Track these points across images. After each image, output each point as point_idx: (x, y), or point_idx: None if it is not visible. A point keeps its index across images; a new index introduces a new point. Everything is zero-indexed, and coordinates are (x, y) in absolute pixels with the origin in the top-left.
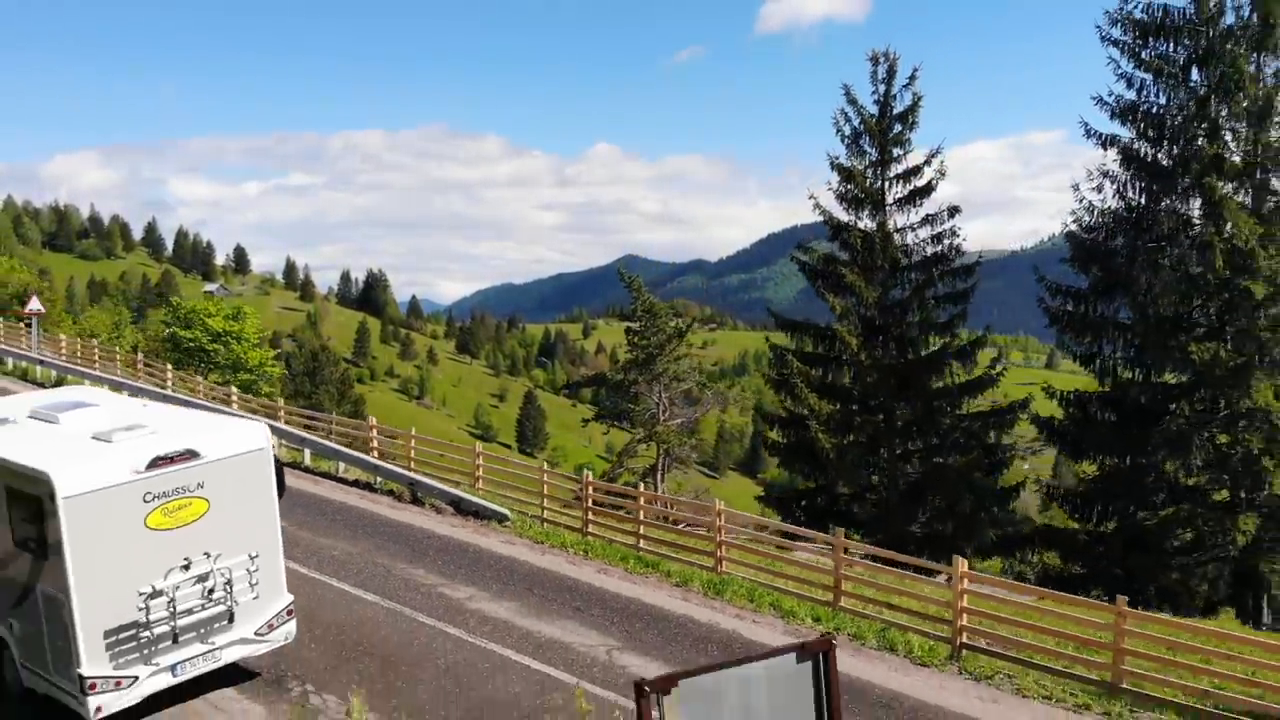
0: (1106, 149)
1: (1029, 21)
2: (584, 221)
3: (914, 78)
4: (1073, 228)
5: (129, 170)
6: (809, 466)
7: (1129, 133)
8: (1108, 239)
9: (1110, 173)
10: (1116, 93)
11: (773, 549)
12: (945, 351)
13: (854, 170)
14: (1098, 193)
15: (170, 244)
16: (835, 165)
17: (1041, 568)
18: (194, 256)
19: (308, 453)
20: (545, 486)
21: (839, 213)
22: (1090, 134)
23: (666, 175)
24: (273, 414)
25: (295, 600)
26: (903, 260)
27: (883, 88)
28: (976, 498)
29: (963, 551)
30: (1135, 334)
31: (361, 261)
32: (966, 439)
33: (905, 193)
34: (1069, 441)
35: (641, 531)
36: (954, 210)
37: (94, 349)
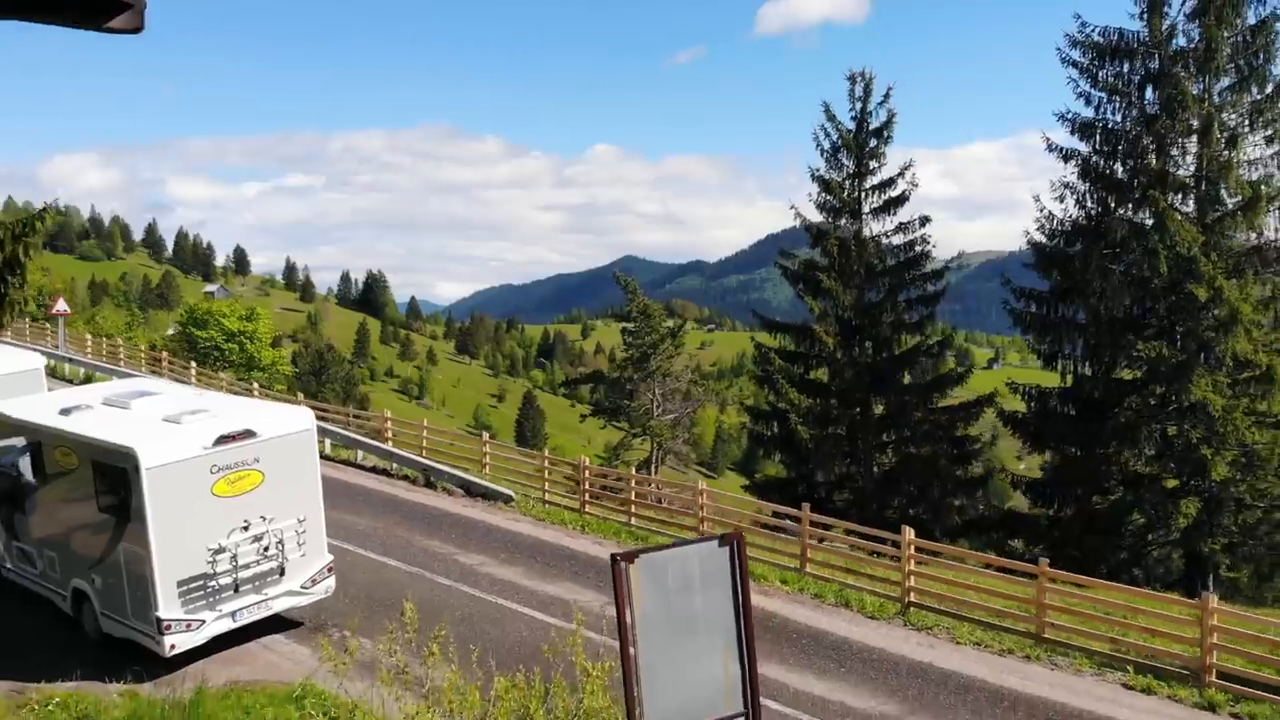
0: (1066, 162)
1: (1028, 22)
2: (583, 222)
3: (888, 95)
4: (1036, 235)
5: (128, 171)
6: (790, 457)
7: (1086, 148)
8: (1067, 245)
9: (1070, 184)
10: (1075, 110)
11: (749, 524)
12: (917, 350)
13: (832, 182)
14: (1059, 203)
15: (170, 245)
16: (815, 177)
17: (1006, 551)
18: (194, 257)
19: (329, 442)
20: (547, 472)
21: (819, 221)
22: (1052, 148)
23: (666, 176)
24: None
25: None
26: (877, 265)
27: (859, 105)
28: (944, 485)
29: (933, 535)
30: (1090, 334)
31: (360, 262)
32: (935, 431)
33: (880, 202)
34: (1031, 433)
35: (633, 510)
36: (925, 219)
37: (119, 348)
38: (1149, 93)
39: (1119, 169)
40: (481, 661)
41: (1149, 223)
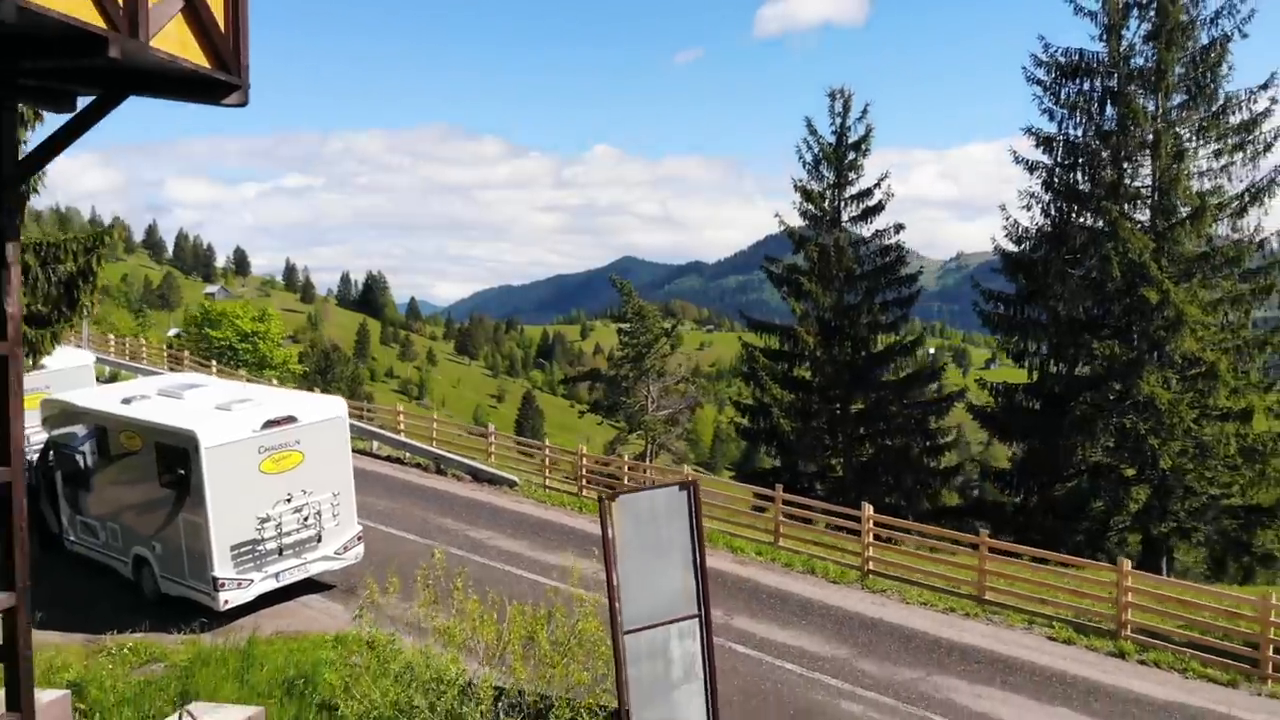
0: (1031, 173)
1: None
2: (582, 223)
3: (865, 111)
4: (1003, 242)
5: (128, 172)
6: (775, 449)
7: (1050, 160)
8: (1033, 251)
9: (1035, 194)
10: (1039, 125)
11: (732, 506)
12: (893, 349)
13: (813, 191)
14: (1026, 211)
15: (171, 246)
16: (798, 187)
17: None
18: (195, 258)
19: None
20: (548, 459)
21: (802, 227)
22: (1019, 160)
23: (665, 176)
24: None
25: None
26: (855, 270)
27: (839, 120)
28: (917, 474)
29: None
30: (1051, 333)
31: (359, 263)
32: (908, 424)
33: (858, 211)
34: (998, 426)
35: None
36: (899, 227)
37: (142, 347)
38: (1108, 109)
39: (1080, 180)
40: (494, 605)
41: (1106, 230)
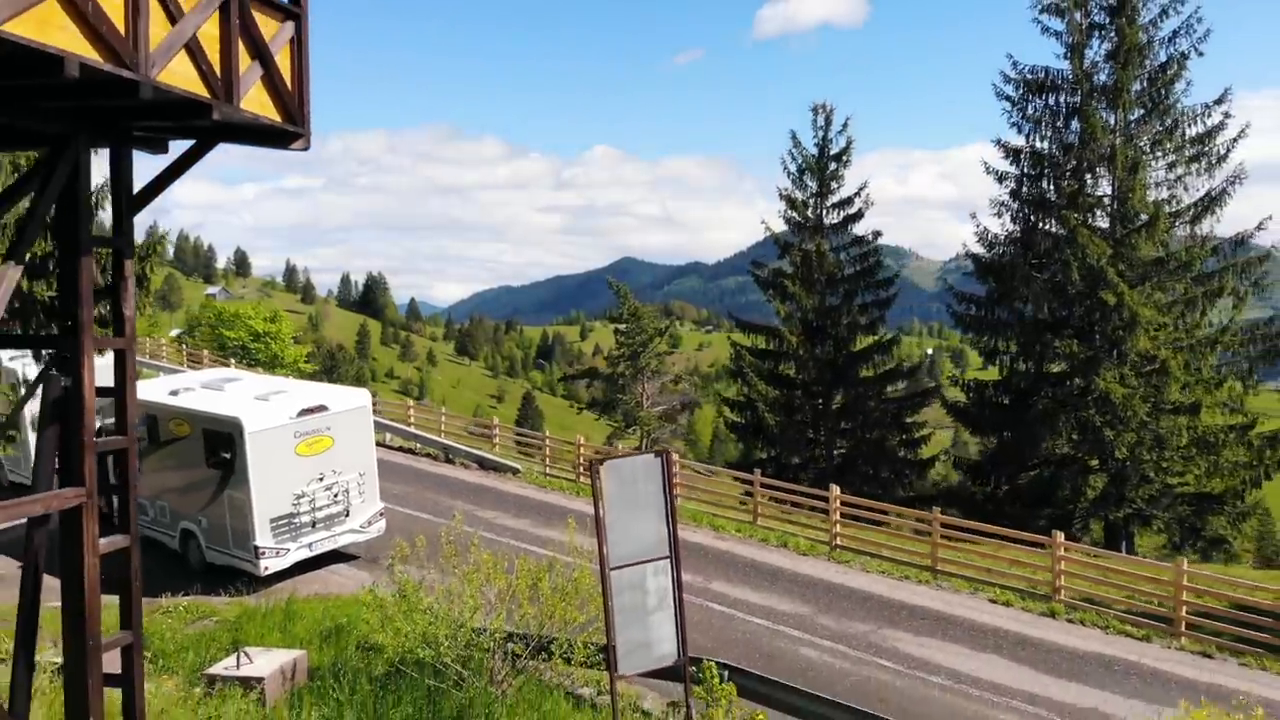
0: (1001, 183)
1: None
2: (582, 224)
3: (846, 125)
4: (975, 247)
5: None
6: (761, 442)
7: (1017, 170)
8: (1002, 256)
9: (1004, 202)
10: (1008, 138)
11: (717, 490)
12: (871, 348)
13: (798, 200)
14: (997, 218)
15: (171, 247)
16: (783, 195)
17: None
18: (195, 259)
19: None
20: (548, 449)
21: (786, 233)
22: (989, 170)
23: (664, 177)
24: None
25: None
26: (836, 274)
27: (822, 133)
28: (893, 465)
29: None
30: (1018, 333)
31: (358, 264)
32: (885, 418)
33: (839, 219)
34: (970, 420)
35: None
36: (876, 234)
37: (161, 346)
38: (1072, 123)
39: (1046, 189)
40: (503, 559)
41: (1067, 237)
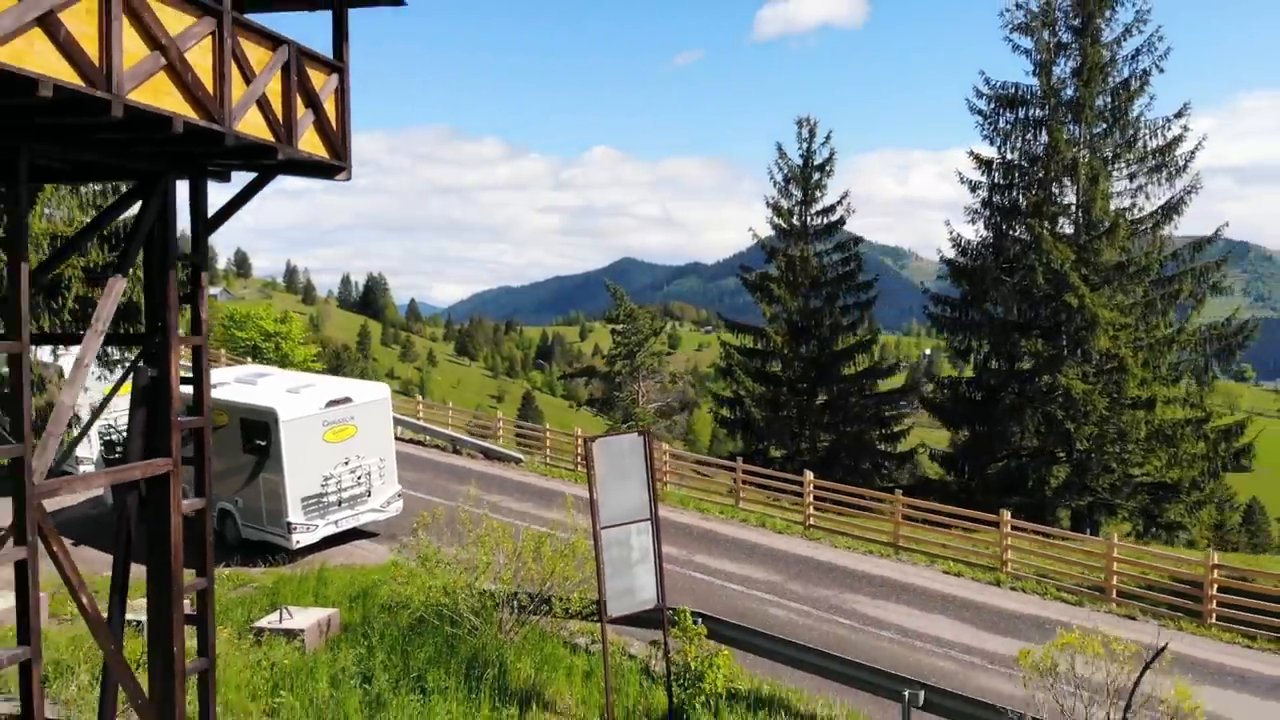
0: (974, 192)
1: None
2: (581, 224)
3: (829, 138)
4: (949, 252)
5: None
6: (749, 435)
7: (988, 180)
8: (975, 260)
9: (977, 210)
10: (980, 150)
11: (702, 476)
12: (853, 348)
13: (783, 208)
14: (970, 225)
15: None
16: (770, 204)
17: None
18: None
19: None
20: (548, 440)
21: (772, 238)
22: (964, 180)
23: (664, 178)
24: None
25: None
26: (820, 277)
27: (806, 145)
28: (873, 458)
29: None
30: (988, 333)
31: (358, 264)
32: (865, 413)
33: (822, 226)
34: (944, 415)
35: None
36: (857, 240)
37: None
38: (1040, 136)
39: (1016, 198)
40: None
41: (1032, 244)
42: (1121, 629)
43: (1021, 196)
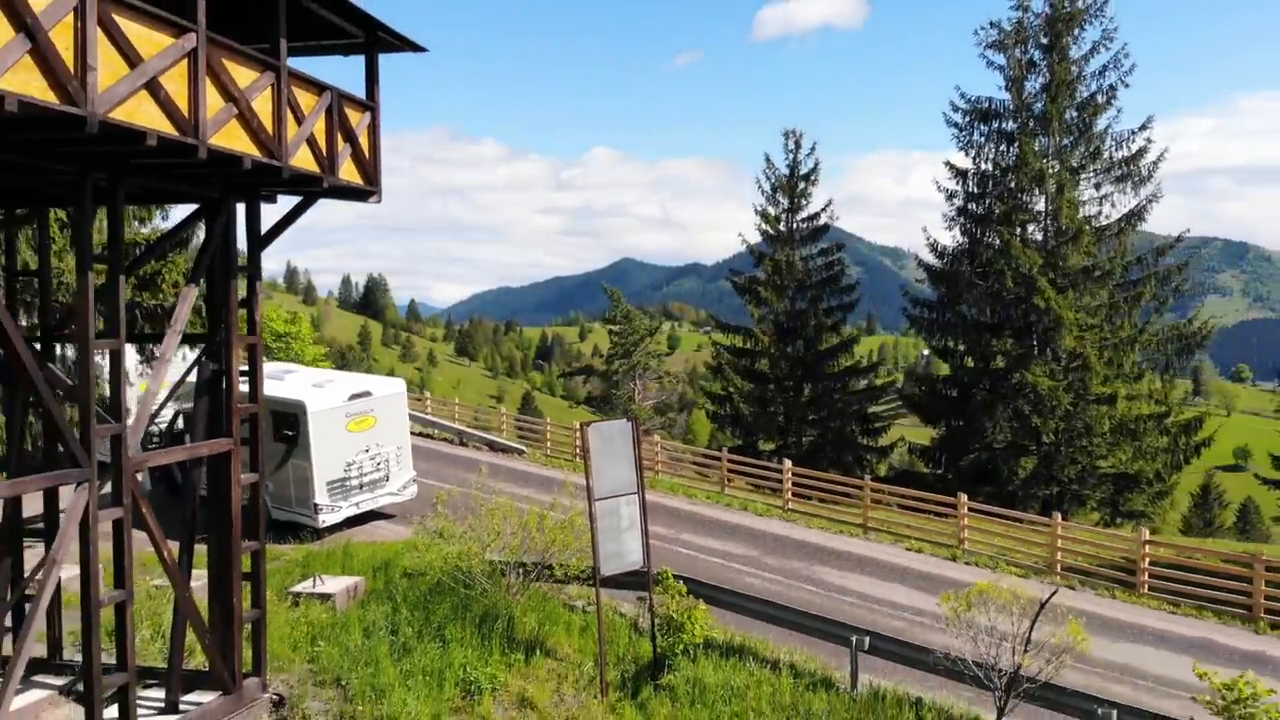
0: (950, 200)
1: None
2: (581, 225)
3: (814, 148)
4: (927, 256)
5: None
6: (737, 430)
7: (964, 189)
8: (952, 265)
9: (953, 217)
10: (955, 160)
11: (691, 465)
12: (836, 347)
13: (770, 215)
14: (947, 230)
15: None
16: (758, 211)
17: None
18: None
19: None
20: (549, 432)
21: (760, 244)
22: (940, 189)
23: (664, 178)
24: None
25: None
26: (805, 280)
27: (792, 155)
28: (856, 452)
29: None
30: (962, 333)
31: (358, 265)
32: (848, 409)
33: (808, 232)
34: (922, 410)
35: None
36: (840, 245)
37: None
38: (1012, 147)
39: (989, 206)
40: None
41: (1002, 249)
42: (1061, 597)
43: (994, 205)
